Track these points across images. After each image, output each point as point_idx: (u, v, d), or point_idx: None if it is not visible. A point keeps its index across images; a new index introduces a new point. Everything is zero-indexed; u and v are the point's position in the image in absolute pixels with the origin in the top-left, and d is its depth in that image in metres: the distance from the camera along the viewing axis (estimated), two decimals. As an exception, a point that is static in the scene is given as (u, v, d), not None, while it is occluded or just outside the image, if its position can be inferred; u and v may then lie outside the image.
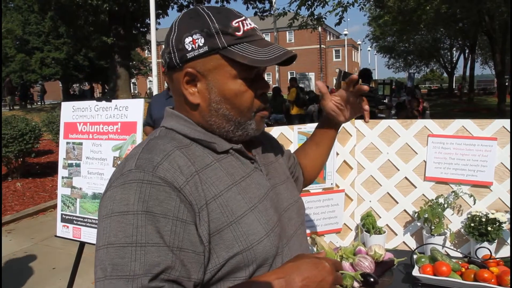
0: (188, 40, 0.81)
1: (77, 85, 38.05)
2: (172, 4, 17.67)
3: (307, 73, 20.89)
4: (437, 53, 31.78)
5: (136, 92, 47.88)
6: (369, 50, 48.18)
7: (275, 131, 1.90)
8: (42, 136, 7.77)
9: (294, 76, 18.54)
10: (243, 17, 0.84)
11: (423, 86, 54.85)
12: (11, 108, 19.74)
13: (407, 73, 28.56)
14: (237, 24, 0.82)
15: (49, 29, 25.76)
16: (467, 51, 26.46)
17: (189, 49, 0.81)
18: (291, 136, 1.91)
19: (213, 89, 0.82)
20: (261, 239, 0.80)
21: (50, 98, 31.66)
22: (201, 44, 0.80)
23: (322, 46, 50.30)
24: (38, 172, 7.73)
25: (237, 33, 0.81)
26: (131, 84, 30.48)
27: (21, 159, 7.12)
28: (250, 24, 0.84)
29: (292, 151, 1.30)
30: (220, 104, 0.83)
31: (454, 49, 31.34)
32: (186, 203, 0.73)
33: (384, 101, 11.44)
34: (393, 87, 17.70)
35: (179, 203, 0.73)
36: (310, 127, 1.93)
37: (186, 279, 0.72)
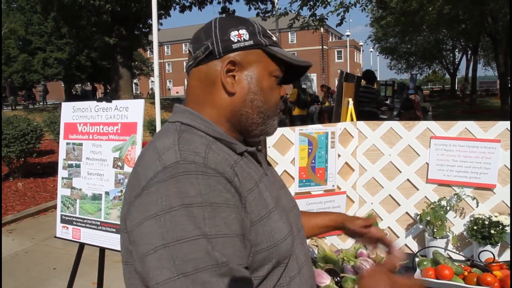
0: (234, 33, 0.86)
1: (80, 85, 38.09)
2: (174, 4, 17.67)
3: (309, 74, 20.80)
4: (439, 54, 31.74)
5: (138, 92, 47.99)
6: (371, 51, 48.11)
7: (276, 133, 1.88)
8: (44, 136, 7.77)
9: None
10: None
11: (425, 87, 54.76)
12: (14, 108, 19.78)
13: (409, 74, 28.52)
14: (270, 33, 0.93)
15: (51, 29, 25.85)
16: (469, 52, 26.41)
17: (235, 41, 0.86)
18: (292, 137, 1.89)
19: (253, 80, 0.87)
20: (285, 237, 0.83)
21: (53, 98, 31.72)
22: (246, 39, 0.87)
23: (324, 47, 50.28)
24: (39, 172, 7.74)
25: (273, 38, 0.91)
26: (133, 85, 30.51)
27: (23, 159, 7.12)
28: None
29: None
30: (257, 95, 0.87)
31: (457, 50, 31.28)
32: (237, 194, 0.75)
33: (386, 102, 11.40)
34: (395, 88, 17.66)
35: (234, 192, 0.74)
36: (312, 128, 1.92)
37: (248, 265, 0.75)
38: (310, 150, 1.92)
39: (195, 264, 0.66)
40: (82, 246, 2.24)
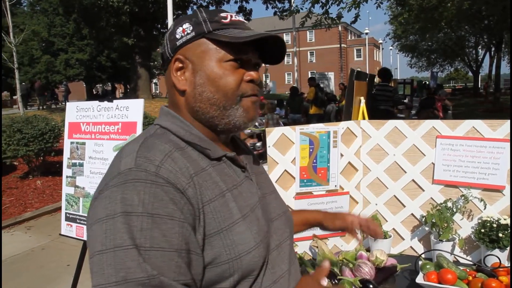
0: (179, 30, 0.86)
1: (100, 85, 38.83)
2: (191, 5, 17.82)
3: (326, 73, 20.61)
4: (461, 52, 30.93)
5: (157, 92, 48.53)
6: (391, 49, 47.37)
7: (276, 132, 1.86)
8: (62, 136, 7.94)
9: (315, 75, 18.33)
10: (235, 14, 0.89)
11: (447, 85, 53.57)
12: (41, 108, 20.26)
13: (430, 72, 27.91)
14: (225, 15, 0.86)
15: (73, 31, 26.44)
16: (493, 49, 25.64)
17: (179, 37, 0.85)
18: (292, 137, 1.86)
19: (199, 72, 0.83)
20: (250, 250, 0.78)
21: (74, 98, 32.38)
22: (189, 31, 0.84)
23: (343, 45, 49.77)
24: (58, 170, 7.90)
25: (223, 20, 0.85)
26: (153, 84, 30.92)
27: (42, 158, 7.29)
28: (240, 18, 0.88)
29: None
30: (204, 87, 0.83)
31: (480, 47, 30.42)
32: (189, 205, 0.72)
33: (404, 101, 11.20)
34: (414, 86, 17.32)
35: (183, 204, 0.71)
36: (313, 127, 1.88)
37: (191, 281, 0.70)
38: (311, 150, 1.88)
39: (125, 274, 0.64)
40: (86, 243, 2.27)
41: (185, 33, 0.84)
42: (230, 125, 0.86)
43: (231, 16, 0.86)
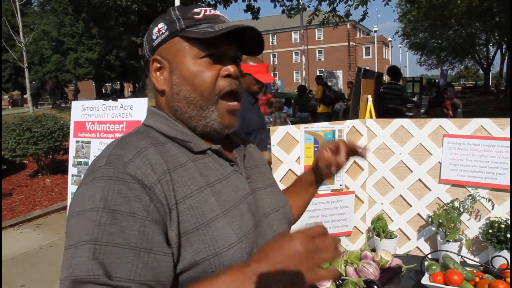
0: (155, 30, 0.86)
1: (110, 84, 39.09)
2: (199, 3, 17.84)
3: (334, 71, 20.46)
4: (472, 49, 30.55)
5: (165, 91, 48.71)
6: (400, 47, 46.95)
7: (280, 131, 1.85)
8: (71, 134, 8.01)
9: (323, 73, 18.24)
10: (210, 8, 0.87)
11: (457, 83, 53.00)
12: (54, 106, 20.55)
13: (440, 70, 27.60)
14: (198, 10, 0.85)
15: (82, 30, 26.66)
16: (504, 46, 25.28)
17: (155, 37, 0.86)
18: (297, 135, 1.85)
19: (175, 71, 0.84)
20: (231, 245, 0.76)
21: (84, 97, 32.63)
22: (163, 31, 0.85)
23: (351, 43, 49.49)
24: (66, 168, 7.91)
25: (196, 16, 0.84)
26: (161, 83, 30.97)
27: (51, 156, 7.35)
28: (214, 12, 0.87)
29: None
30: (181, 86, 0.83)
31: (491, 44, 30.01)
32: (157, 202, 0.71)
33: (413, 99, 11.08)
34: (423, 84, 17.11)
35: (148, 202, 0.70)
36: (318, 126, 1.87)
37: (153, 282, 0.68)
38: (316, 149, 1.87)
39: (74, 271, 0.65)
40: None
41: (160, 33, 0.85)
42: (208, 128, 0.85)
43: (205, 11, 0.85)
